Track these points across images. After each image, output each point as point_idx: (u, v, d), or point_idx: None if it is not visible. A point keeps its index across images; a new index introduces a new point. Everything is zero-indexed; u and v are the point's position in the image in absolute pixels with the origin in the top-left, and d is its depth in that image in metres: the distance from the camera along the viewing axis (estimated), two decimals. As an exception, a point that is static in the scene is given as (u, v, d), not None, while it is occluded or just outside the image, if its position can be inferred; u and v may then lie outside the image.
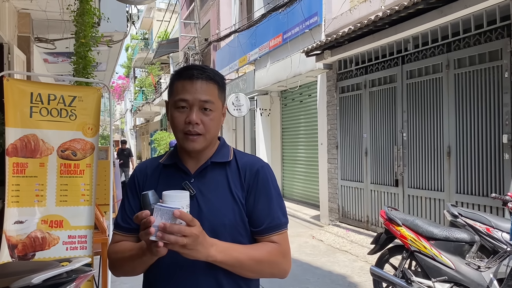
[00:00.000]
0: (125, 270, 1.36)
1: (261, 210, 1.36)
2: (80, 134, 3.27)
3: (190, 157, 1.40)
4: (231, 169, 1.39)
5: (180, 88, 1.34)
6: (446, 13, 5.28)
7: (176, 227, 1.09)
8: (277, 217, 1.37)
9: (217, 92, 1.37)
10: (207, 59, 17.20)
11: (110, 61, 9.11)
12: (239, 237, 1.34)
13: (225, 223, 1.32)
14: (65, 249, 3.16)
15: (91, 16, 4.30)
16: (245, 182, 1.37)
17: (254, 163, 1.41)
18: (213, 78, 1.36)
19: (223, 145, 1.46)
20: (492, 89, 5.13)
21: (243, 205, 1.35)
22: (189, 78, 1.33)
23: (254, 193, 1.37)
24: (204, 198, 1.34)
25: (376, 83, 7.20)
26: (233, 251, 1.26)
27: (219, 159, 1.40)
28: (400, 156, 6.62)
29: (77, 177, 3.25)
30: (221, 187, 1.36)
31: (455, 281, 3.49)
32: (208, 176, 1.38)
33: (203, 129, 1.33)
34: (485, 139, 5.23)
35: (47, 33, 6.29)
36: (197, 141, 1.33)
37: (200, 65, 1.39)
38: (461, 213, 3.83)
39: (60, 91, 3.26)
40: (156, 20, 28.26)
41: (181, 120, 1.33)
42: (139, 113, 33.09)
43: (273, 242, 1.35)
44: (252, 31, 11.48)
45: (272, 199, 1.38)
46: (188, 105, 1.32)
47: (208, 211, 1.32)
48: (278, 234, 1.36)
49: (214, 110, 1.35)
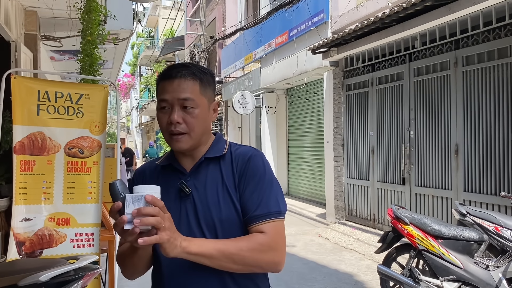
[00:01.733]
0: (130, 269, 1.36)
1: (250, 197, 1.30)
2: (87, 131, 3.27)
3: (185, 156, 1.39)
4: (225, 162, 1.36)
5: (160, 89, 1.33)
6: (454, 10, 5.23)
7: (150, 208, 1.07)
8: (266, 205, 1.29)
9: (199, 88, 1.33)
10: (213, 56, 17.19)
11: (116, 59, 9.12)
12: (238, 232, 1.30)
13: (222, 218, 1.29)
14: (72, 246, 3.17)
15: (98, 14, 4.31)
16: (236, 171, 1.34)
17: (246, 152, 1.37)
18: (194, 74, 1.32)
19: (219, 140, 1.43)
20: (501, 87, 5.08)
21: (237, 197, 1.32)
22: (168, 78, 1.32)
23: (243, 180, 1.32)
24: (200, 195, 1.32)
25: (383, 80, 7.15)
26: (208, 242, 1.23)
27: (212, 154, 1.37)
28: (407, 154, 6.58)
29: (84, 174, 3.25)
30: (216, 182, 1.33)
31: (464, 280, 3.46)
32: (202, 172, 1.36)
33: (186, 127, 1.30)
34: (493, 137, 5.19)
35: (53, 31, 6.31)
36: (181, 141, 1.31)
37: (184, 63, 1.36)
38: (469, 211, 3.80)
39: (67, 88, 3.27)
40: (162, 18, 28.32)
41: (164, 121, 1.32)
42: (144, 111, 33.19)
43: (261, 232, 1.27)
44: (258, 29, 11.45)
45: (262, 186, 1.31)
46: (169, 105, 1.30)
47: (204, 207, 1.30)
48: (267, 222, 1.27)
49: (196, 107, 1.31)
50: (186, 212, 1.32)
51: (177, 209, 1.32)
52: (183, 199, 1.33)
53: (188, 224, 1.30)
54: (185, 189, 1.32)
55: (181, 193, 1.34)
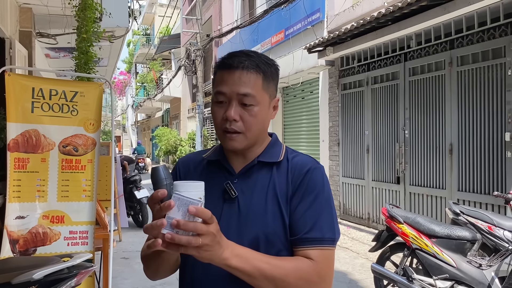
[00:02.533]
0: (152, 269, 1.23)
1: (303, 215, 1.15)
2: (82, 129, 3.27)
3: (235, 155, 1.24)
4: (279, 171, 1.21)
5: (218, 79, 1.18)
6: (449, 10, 5.25)
7: (192, 224, 0.92)
8: (319, 228, 1.13)
9: (261, 83, 1.17)
10: (209, 55, 17.17)
11: (111, 56, 9.09)
12: (283, 250, 1.15)
13: (267, 232, 1.15)
14: (66, 244, 3.17)
15: (93, 11, 4.29)
16: (292, 182, 1.18)
17: (305, 163, 1.21)
18: (257, 67, 1.16)
19: (275, 143, 1.28)
20: (495, 87, 5.11)
21: (287, 211, 1.17)
22: (228, 67, 1.16)
23: (298, 194, 1.17)
24: (246, 201, 1.18)
25: (379, 80, 7.17)
26: (252, 258, 1.06)
27: (267, 159, 1.22)
28: (402, 153, 6.60)
29: (79, 172, 3.25)
30: (266, 190, 1.18)
31: (456, 279, 3.48)
32: (253, 177, 1.21)
33: (243, 126, 1.15)
34: (487, 136, 5.21)
35: (48, 28, 6.27)
36: (236, 140, 1.16)
37: (247, 52, 1.20)
38: (462, 211, 3.83)
39: (61, 86, 3.26)
40: (158, 15, 28.25)
41: (219, 116, 1.17)
42: (140, 108, 33.12)
43: (309, 259, 1.11)
44: (254, 27, 11.44)
45: (318, 206, 1.15)
46: (226, 99, 1.16)
47: (249, 217, 1.16)
48: (318, 249, 1.12)
49: (257, 104, 1.16)
50: (228, 217, 1.17)
51: (217, 213, 1.15)
52: (226, 203, 1.19)
53: (228, 231, 1.12)
54: (230, 192, 1.18)
55: (225, 196, 1.20)
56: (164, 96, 23.34)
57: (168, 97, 23.24)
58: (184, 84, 20.63)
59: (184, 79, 20.17)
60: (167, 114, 27.37)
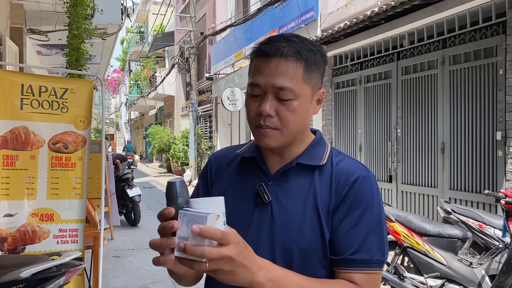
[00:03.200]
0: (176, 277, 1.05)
1: (349, 232, 1.00)
2: (72, 126, 3.23)
3: (272, 153, 1.09)
4: (322, 176, 1.05)
5: (253, 68, 1.04)
6: (442, 9, 5.27)
7: (199, 249, 0.78)
8: (367, 248, 0.99)
9: (302, 74, 1.01)
10: (203, 53, 17.13)
11: (104, 54, 9.04)
12: (320, 270, 1.01)
13: (303, 247, 1.00)
14: (55, 242, 3.13)
15: (84, 8, 4.26)
16: (335, 192, 1.02)
17: (354, 170, 1.04)
18: (298, 54, 1.00)
19: (318, 142, 1.11)
20: (487, 86, 5.13)
21: (328, 225, 1.02)
22: (263, 54, 1.01)
23: (344, 206, 1.01)
24: (281, 209, 1.03)
25: (371, 79, 7.19)
26: (288, 283, 0.91)
27: (308, 161, 1.07)
28: (394, 152, 6.62)
29: (69, 170, 3.21)
30: (305, 197, 1.03)
31: (447, 277, 3.50)
32: (290, 181, 1.06)
33: (278, 123, 1.00)
34: (479, 135, 5.24)
35: (40, 25, 6.23)
36: (270, 137, 1.01)
37: (287, 36, 1.04)
38: (454, 209, 3.84)
39: (51, 83, 3.22)
40: (152, 13, 28.14)
41: (252, 110, 1.03)
42: (133, 106, 33.00)
43: (353, 283, 0.98)
44: (248, 26, 11.42)
45: (367, 222, 1.00)
46: (261, 91, 1.01)
47: (283, 227, 1.01)
48: (364, 273, 0.99)
49: (296, 98, 1.00)
50: (258, 225, 1.03)
51: (247, 219, 1.04)
52: (258, 207, 1.05)
53: (257, 241, 1.01)
54: (263, 196, 1.04)
55: (257, 199, 1.05)
56: (158, 94, 23.27)
57: (161, 95, 23.18)
58: (178, 82, 20.58)
59: (178, 77, 20.12)
60: (161, 112, 27.29)
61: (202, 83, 16.77)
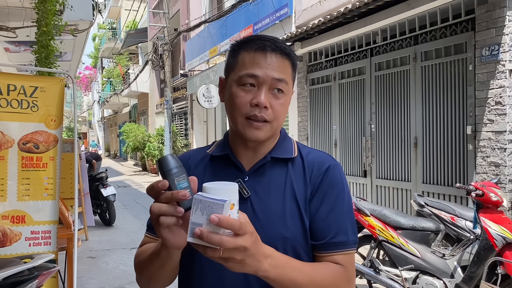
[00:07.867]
0: (146, 278, 1.10)
1: (325, 218, 1.08)
2: (43, 126, 3.15)
3: (246, 149, 1.12)
4: (294, 168, 1.12)
5: (248, 60, 1.06)
6: (414, 6, 5.36)
7: (217, 238, 0.80)
8: (344, 231, 1.08)
9: (291, 72, 1.10)
10: (177, 49, 16.95)
11: (75, 51, 8.82)
12: (302, 254, 1.07)
13: (286, 236, 1.05)
14: (28, 245, 3.05)
15: (53, 4, 4.14)
16: (310, 182, 1.10)
17: (324, 160, 1.13)
18: (289, 54, 1.09)
19: (285, 137, 1.18)
20: (457, 82, 5.25)
21: (307, 213, 1.08)
22: (262, 49, 1.06)
23: (319, 195, 1.09)
24: (261, 203, 1.08)
25: (346, 75, 7.26)
26: (291, 269, 0.96)
27: (281, 154, 1.12)
28: (368, 147, 6.71)
29: (40, 170, 3.13)
30: (282, 189, 1.09)
31: (421, 269, 3.58)
32: (266, 175, 1.11)
33: (271, 115, 1.05)
34: (450, 130, 5.36)
35: (7, 21, 6.02)
36: (262, 129, 1.06)
37: (270, 36, 1.11)
38: (427, 202, 3.92)
39: (20, 81, 3.13)
40: (124, 9, 27.63)
41: (245, 101, 1.05)
42: (107, 104, 32.43)
43: (336, 263, 1.06)
44: (223, 22, 11.37)
45: (340, 207, 1.09)
46: (257, 83, 1.05)
47: (266, 220, 1.05)
48: (344, 254, 1.07)
49: (286, 93, 1.08)
50: None
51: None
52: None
53: None
54: (242, 191, 1.07)
55: None
56: (131, 91, 22.91)
57: (135, 92, 22.84)
58: (152, 79, 20.32)
59: (152, 74, 19.85)
60: (135, 109, 26.90)
61: (177, 80, 16.60)
